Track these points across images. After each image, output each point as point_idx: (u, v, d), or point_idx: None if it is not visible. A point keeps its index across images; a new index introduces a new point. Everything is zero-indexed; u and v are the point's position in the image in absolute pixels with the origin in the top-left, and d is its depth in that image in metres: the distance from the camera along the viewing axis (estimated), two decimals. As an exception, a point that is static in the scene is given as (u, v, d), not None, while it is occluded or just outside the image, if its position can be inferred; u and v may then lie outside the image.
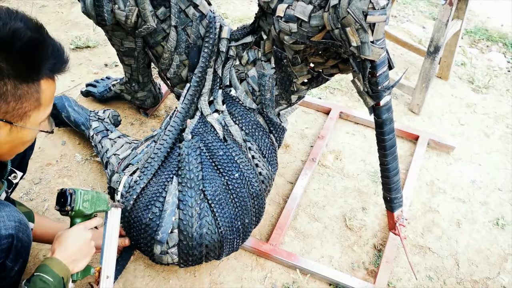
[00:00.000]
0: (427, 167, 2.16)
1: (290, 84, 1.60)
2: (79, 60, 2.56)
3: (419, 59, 2.72)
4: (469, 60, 2.82)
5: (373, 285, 1.66)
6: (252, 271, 1.71)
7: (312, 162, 2.06)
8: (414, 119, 2.40)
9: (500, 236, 1.90)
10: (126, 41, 1.76)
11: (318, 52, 1.47)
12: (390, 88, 1.34)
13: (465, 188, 2.08)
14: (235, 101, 1.65)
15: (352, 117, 2.33)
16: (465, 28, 3.05)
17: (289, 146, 2.18)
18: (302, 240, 1.82)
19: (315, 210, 1.93)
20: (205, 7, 1.67)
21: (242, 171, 1.56)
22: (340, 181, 2.06)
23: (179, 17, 1.65)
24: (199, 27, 1.68)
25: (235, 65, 1.67)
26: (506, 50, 2.94)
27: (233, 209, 1.52)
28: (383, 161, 1.48)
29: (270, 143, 1.69)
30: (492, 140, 2.33)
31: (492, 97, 2.58)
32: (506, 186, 2.10)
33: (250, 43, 1.63)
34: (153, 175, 1.54)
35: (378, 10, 1.18)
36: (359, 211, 1.95)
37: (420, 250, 1.83)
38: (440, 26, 2.13)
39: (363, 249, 1.82)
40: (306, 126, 2.30)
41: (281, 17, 1.37)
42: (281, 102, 1.69)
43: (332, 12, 1.25)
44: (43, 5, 2.98)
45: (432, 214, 1.96)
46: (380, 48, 1.24)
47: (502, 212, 1.99)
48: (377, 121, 1.41)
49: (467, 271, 1.78)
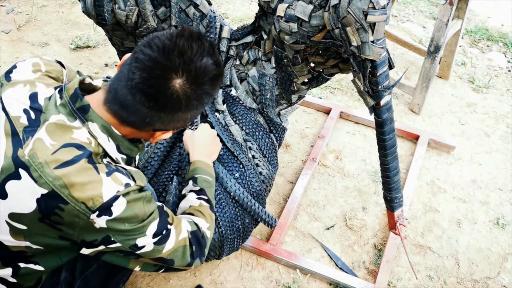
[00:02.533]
0: (428, 166, 2.16)
1: (291, 84, 1.60)
2: (80, 60, 2.56)
3: (419, 59, 2.72)
4: (469, 59, 2.82)
5: (373, 285, 1.66)
6: (253, 271, 1.71)
7: (312, 161, 2.06)
8: (414, 118, 2.40)
9: (501, 236, 1.90)
10: (127, 41, 1.76)
11: (318, 51, 1.47)
12: (390, 87, 1.34)
13: (465, 188, 2.08)
14: (236, 100, 1.65)
15: (352, 116, 2.33)
16: (465, 28, 3.05)
17: (289, 145, 2.18)
18: (303, 239, 1.82)
19: (316, 209, 1.93)
20: (206, 6, 1.67)
21: (242, 171, 1.56)
22: (341, 181, 2.06)
23: (179, 17, 1.65)
24: (199, 27, 1.68)
25: (235, 65, 1.67)
26: (507, 50, 2.94)
27: (233, 209, 1.52)
28: (384, 161, 1.48)
29: (270, 143, 1.69)
30: (493, 140, 2.32)
31: (493, 96, 2.58)
32: (507, 186, 2.10)
33: (251, 42, 1.63)
34: (153, 174, 1.54)
35: (378, 10, 1.18)
36: (360, 210, 1.95)
37: (420, 249, 1.83)
38: (441, 26, 2.13)
39: (364, 248, 1.82)
40: (307, 125, 2.30)
41: (282, 17, 1.37)
42: (281, 102, 1.69)
43: (332, 11, 1.25)
44: (44, 5, 2.98)
45: (433, 214, 1.96)
46: (381, 48, 1.24)
47: (502, 212, 1.99)
48: (378, 120, 1.41)
49: (468, 270, 1.78)
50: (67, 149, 0.94)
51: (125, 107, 0.96)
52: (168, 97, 0.94)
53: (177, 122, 1.00)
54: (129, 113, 0.97)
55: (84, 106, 0.98)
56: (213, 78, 0.97)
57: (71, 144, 0.95)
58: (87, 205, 0.92)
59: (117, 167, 1.00)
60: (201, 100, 0.98)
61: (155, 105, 0.94)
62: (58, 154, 0.93)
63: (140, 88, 0.93)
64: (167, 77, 0.92)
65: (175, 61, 0.92)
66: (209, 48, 0.98)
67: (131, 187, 0.97)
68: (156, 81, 0.92)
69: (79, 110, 0.97)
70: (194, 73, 0.94)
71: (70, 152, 0.94)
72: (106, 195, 0.94)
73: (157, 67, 0.92)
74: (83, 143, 0.96)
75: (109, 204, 0.94)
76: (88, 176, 0.93)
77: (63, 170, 0.92)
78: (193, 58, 0.94)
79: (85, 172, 0.93)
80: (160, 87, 0.93)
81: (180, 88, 0.93)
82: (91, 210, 0.93)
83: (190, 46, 0.94)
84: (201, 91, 0.96)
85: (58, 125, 0.96)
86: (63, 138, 0.95)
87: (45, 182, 0.92)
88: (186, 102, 0.95)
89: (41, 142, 0.94)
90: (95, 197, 0.93)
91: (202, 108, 1.02)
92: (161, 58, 0.92)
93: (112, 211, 0.94)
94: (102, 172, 0.95)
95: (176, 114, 0.97)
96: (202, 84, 0.96)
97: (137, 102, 0.94)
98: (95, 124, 0.98)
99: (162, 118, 0.97)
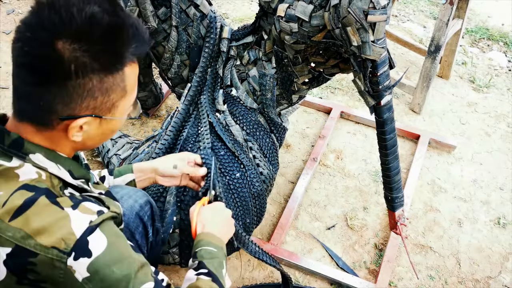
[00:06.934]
0: (428, 166, 2.15)
1: (291, 84, 1.60)
2: (80, 60, 2.56)
3: (420, 59, 2.71)
4: (470, 59, 2.82)
5: (374, 285, 1.66)
6: (254, 271, 1.71)
7: (313, 161, 2.06)
8: (415, 118, 2.40)
9: (501, 235, 1.90)
10: (127, 41, 1.76)
11: (319, 51, 1.47)
12: (391, 87, 1.34)
13: (466, 187, 2.08)
14: (236, 101, 1.65)
15: (353, 116, 2.33)
16: (466, 28, 3.05)
17: (290, 145, 2.18)
18: (303, 239, 1.82)
19: (316, 209, 1.93)
20: (206, 7, 1.67)
21: (243, 171, 1.56)
22: (341, 181, 2.06)
23: (180, 17, 1.65)
24: (200, 27, 1.68)
25: (236, 65, 1.67)
26: (507, 49, 2.93)
27: (234, 209, 1.52)
28: (384, 161, 1.48)
29: (271, 143, 1.69)
30: (493, 139, 2.32)
31: (493, 96, 2.58)
32: (507, 185, 2.10)
33: (251, 43, 1.63)
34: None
35: (378, 10, 1.18)
36: (360, 210, 1.95)
37: (421, 249, 1.83)
38: (441, 26, 2.13)
39: (365, 248, 1.82)
40: (307, 125, 2.30)
41: (282, 17, 1.37)
42: (282, 102, 1.69)
43: (332, 11, 1.25)
44: (44, 6, 2.98)
45: (433, 214, 1.96)
46: (381, 48, 1.24)
47: (503, 211, 1.99)
48: (378, 120, 1.41)
49: (469, 270, 1.78)
50: (16, 194, 0.79)
51: (20, 97, 0.81)
52: (48, 64, 0.76)
53: (79, 98, 0.80)
54: (25, 103, 0.81)
55: (15, 140, 0.81)
56: (107, 29, 0.78)
57: (21, 187, 0.79)
58: (59, 248, 0.76)
59: (83, 197, 0.85)
60: (97, 59, 0.78)
61: (38, 78, 0.78)
62: (9, 203, 0.78)
63: (21, 62, 0.78)
64: (44, 40, 0.75)
65: (47, 17, 0.75)
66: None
67: (105, 214, 0.82)
68: (34, 48, 0.76)
69: (11, 146, 0.81)
70: (74, 27, 0.75)
71: (20, 196, 0.78)
72: (77, 230, 0.77)
73: (33, 34, 0.76)
74: (33, 181, 0.80)
75: (84, 241, 0.77)
76: (50, 216, 0.77)
77: (20, 218, 0.77)
78: (69, 9, 0.75)
79: (45, 212, 0.77)
80: (40, 53, 0.76)
81: (62, 48, 0.75)
82: (66, 253, 0.76)
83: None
84: (91, 48, 0.76)
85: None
86: (10, 185, 0.79)
87: (5, 240, 0.77)
88: (74, 64, 0.76)
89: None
90: (66, 236, 0.76)
91: (119, 73, 0.82)
92: (34, 22, 0.76)
93: (90, 250, 0.77)
94: (67, 206, 0.79)
95: (68, 84, 0.78)
96: (91, 39, 0.76)
97: (22, 82, 0.79)
98: (38, 154, 0.82)
99: (56, 94, 0.78)
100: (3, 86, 2.38)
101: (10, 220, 0.77)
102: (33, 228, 0.76)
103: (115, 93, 0.83)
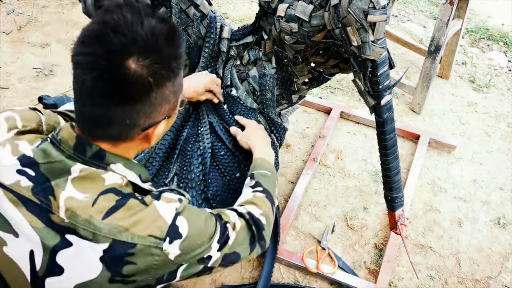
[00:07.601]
0: (428, 166, 2.15)
1: (291, 84, 1.60)
2: (80, 60, 2.56)
3: (420, 59, 2.72)
4: (470, 59, 2.82)
5: (374, 285, 1.66)
6: (254, 271, 1.71)
7: (313, 161, 2.06)
8: (415, 118, 2.40)
9: (502, 235, 1.90)
10: (127, 41, 1.76)
11: (318, 51, 1.47)
12: (391, 87, 1.34)
13: (466, 187, 2.08)
14: (236, 101, 1.65)
15: (353, 116, 2.33)
16: (466, 28, 3.05)
17: (290, 145, 2.18)
18: (303, 239, 1.82)
19: (316, 209, 1.93)
20: (206, 7, 1.67)
21: (243, 171, 1.56)
22: (341, 181, 2.06)
23: (179, 17, 1.65)
24: (199, 27, 1.68)
25: (236, 65, 1.67)
26: (507, 49, 2.94)
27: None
28: (384, 161, 1.48)
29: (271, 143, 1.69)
30: (493, 139, 2.32)
31: (493, 96, 2.58)
32: (507, 185, 2.10)
33: (251, 43, 1.63)
34: (154, 175, 1.54)
35: (378, 10, 1.18)
36: (360, 210, 1.95)
37: (421, 249, 1.83)
38: (441, 26, 2.13)
39: (365, 248, 1.82)
40: (307, 125, 2.30)
41: (282, 17, 1.37)
42: (282, 102, 1.69)
43: (332, 11, 1.25)
44: (44, 6, 2.98)
45: (433, 214, 1.96)
46: (381, 48, 1.24)
47: (503, 211, 1.99)
48: (378, 120, 1.41)
49: (469, 270, 1.78)
50: (105, 196, 0.83)
51: (99, 123, 0.83)
52: (130, 85, 0.78)
53: (159, 106, 0.85)
54: (106, 126, 0.83)
55: (96, 152, 0.85)
56: (167, 37, 0.81)
57: (108, 190, 0.84)
58: (156, 236, 0.83)
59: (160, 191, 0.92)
60: (169, 67, 0.82)
61: (122, 100, 0.80)
62: (99, 203, 0.82)
63: (96, 91, 0.79)
64: (116, 63, 0.77)
65: (115, 41, 0.76)
66: (144, 8, 0.80)
67: (184, 200, 0.90)
68: (108, 74, 0.77)
69: (93, 158, 0.85)
70: (142, 44, 0.78)
71: (110, 199, 0.83)
72: (168, 216, 0.85)
73: (101, 59, 0.77)
74: (120, 186, 0.85)
75: (175, 226, 0.86)
76: (142, 211, 0.84)
77: (113, 216, 0.81)
78: (133, 28, 0.77)
79: (135, 209, 0.83)
80: (115, 78, 0.77)
81: (137, 67, 0.77)
82: (162, 239, 0.83)
83: (123, 17, 0.78)
84: (162, 58, 0.80)
85: (83, 176, 0.83)
86: (97, 187, 0.83)
87: (102, 236, 0.81)
88: (153, 78, 0.79)
89: (73, 199, 0.81)
90: (160, 224, 0.84)
91: (180, 73, 0.87)
92: (99, 47, 0.77)
93: (180, 232, 0.86)
94: (150, 202, 0.86)
95: (151, 97, 0.82)
96: (159, 50, 0.80)
97: (103, 108, 0.81)
98: (118, 164, 0.87)
99: (140, 110, 0.82)
100: (3, 86, 2.38)
101: (104, 218, 0.81)
102: (129, 222, 0.82)
103: (179, 90, 0.90)
